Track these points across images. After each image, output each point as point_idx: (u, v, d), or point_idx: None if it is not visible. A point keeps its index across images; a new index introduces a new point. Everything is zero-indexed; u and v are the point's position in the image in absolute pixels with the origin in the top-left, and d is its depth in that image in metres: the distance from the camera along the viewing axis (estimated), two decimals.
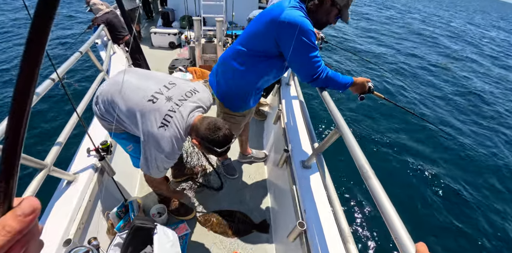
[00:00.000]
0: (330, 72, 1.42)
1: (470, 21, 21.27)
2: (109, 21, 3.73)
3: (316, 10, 1.38)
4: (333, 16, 1.40)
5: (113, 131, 1.48)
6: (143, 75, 1.39)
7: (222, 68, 1.62)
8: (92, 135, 1.81)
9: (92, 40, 2.30)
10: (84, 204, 1.44)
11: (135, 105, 1.24)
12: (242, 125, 1.89)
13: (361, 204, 3.13)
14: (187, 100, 1.28)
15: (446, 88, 6.99)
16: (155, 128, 1.19)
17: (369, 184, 0.90)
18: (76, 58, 1.87)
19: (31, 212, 0.27)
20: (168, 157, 1.24)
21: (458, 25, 18.73)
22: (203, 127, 1.19)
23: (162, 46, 5.48)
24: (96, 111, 1.39)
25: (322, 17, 1.40)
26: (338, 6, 1.36)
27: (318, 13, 1.38)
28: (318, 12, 1.38)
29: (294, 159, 1.72)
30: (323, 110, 4.98)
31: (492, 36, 16.33)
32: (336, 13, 1.39)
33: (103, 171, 1.68)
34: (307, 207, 1.42)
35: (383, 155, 4.07)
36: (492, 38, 15.93)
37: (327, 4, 1.36)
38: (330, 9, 1.37)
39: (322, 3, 1.36)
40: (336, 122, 1.25)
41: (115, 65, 2.97)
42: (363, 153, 1.03)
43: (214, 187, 2.04)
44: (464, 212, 3.29)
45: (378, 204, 0.83)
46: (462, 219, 3.17)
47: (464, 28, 17.61)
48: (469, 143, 4.75)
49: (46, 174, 1.31)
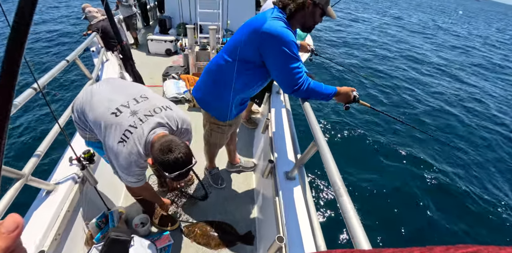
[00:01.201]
0: (312, 83, 1.42)
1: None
2: (103, 28, 3.75)
3: (299, 15, 1.38)
4: (318, 16, 1.41)
5: (88, 140, 1.49)
6: (118, 86, 1.38)
7: (207, 78, 1.62)
8: (78, 143, 1.80)
9: (80, 48, 2.31)
10: (62, 215, 1.42)
11: (100, 117, 1.22)
12: (228, 134, 1.88)
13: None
14: (153, 116, 1.22)
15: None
16: (114, 143, 1.17)
17: (340, 202, 0.89)
18: (61, 67, 1.87)
19: (14, 228, 0.28)
20: (126, 173, 1.20)
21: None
22: (156, 147, 1.10)
23: (159, 53, 5.51)
24: (73, 118, 1.40)
25: (308, 20, 1.40)
26: (320, 6, 1.36)
27: (302, 17, 1.39)
28: (301, 16, 1.38)
29: (278, 170, 1.71)
30: (319, 117, 4.99)
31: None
32: (320, 12, 1.39)
33: (85, 181, 1.66)
34: (288, 220, 1.40)
35: (376, 162, 4.07)
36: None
37: (309, 7, 1.36)
38: (314, 10, 1.38)
39: (302, 7, 1.35)
40: (314, 135, 1.25)
41: (107, 72, 2.98)
42: (337, 169, 1.02)
43: (198, 197, 2.02)
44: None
45: (346, 222, 0.82)
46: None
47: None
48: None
49: (23, 183, 1.30)
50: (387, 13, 23.81)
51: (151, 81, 4.16)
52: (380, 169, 3.93)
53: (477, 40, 17.22)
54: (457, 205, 3.53)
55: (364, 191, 3.44)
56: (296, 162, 1.52)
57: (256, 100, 2.85)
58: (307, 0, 1.34)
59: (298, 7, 1.35)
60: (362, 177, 3.68)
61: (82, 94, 1.36)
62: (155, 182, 2.14)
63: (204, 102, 1.68)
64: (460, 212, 3.43)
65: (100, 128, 1.21)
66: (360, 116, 5.38)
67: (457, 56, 12.06)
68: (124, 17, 5.84)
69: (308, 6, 1.35)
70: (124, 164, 1.17)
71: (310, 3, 1.35)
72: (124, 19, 5.87)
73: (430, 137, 4.67)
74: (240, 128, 3.03)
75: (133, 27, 5.92)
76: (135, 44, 5.96)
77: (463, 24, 22.40)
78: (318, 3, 1.35)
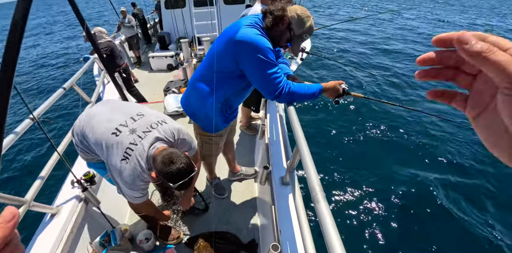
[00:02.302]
0: (293, 86, 1.41)
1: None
2: (111, 48, 3.91)
3: (272, 27, 1.38)
4: (284, 39, 1.41)
5: (89, 161, 1.55)
6: (115, 106, 1.46)
7: (191, 90, 1.65)
8: (80, 165, 1.88)
9: (78, 74, 2.42)
10: (66, 236, 1.48)
11: (101, 137, 1.29)
12: (220, 144, 1.90)
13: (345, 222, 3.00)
14: (151, 132, 1.29)
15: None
16: (117, 161, 1.23)
17: (317, 208, 0.88)
18: (58, 95, 1.98)
19: (11, 218, 0.29)
20: (131, 188, 1.26)
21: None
22: (158, 160, 1.18)
23: (161, 69, 5.67)
24: (73, 141, 1.47)
25: (276, 36, 1.41)
26: (291, 32, 1.37)
27: (274, 30, 1.39)
28: (274, 29, 1.39)
29: (274, 176, 1.70)
30: (327, 121, 4.92)
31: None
32: (288, 37, 1.40)
33: (88, 202, 1.72)
34: (283, 227, 1.38)
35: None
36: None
37: (283, 25, 1.37)
38: (284, 31, 1.39)
39: (278, 22, 1.37)
40: (296, 140, 1.23)
41: (109, 93, 3.10)
42: (317, 174, 1.00)
43: (200, 209, 2.04)
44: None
45: (322, 228, 0.80)
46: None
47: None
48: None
49: (26, 210, 1.37)
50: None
51: (154, 97, 4.28)
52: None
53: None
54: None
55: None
56: (287, 167, 1.50)
57: (252, 108, 2.86)
58: (285, 16, 1.35)
59: (274, 21, 1.36)
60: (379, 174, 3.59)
61: (81, 117, 1.44)
62: (159, 200, 2.19)
63: (191, 114, 1.71)
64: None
65: (102, 148, 1.27)
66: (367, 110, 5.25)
67: None
68: (126, 38, 6.08)
69: (283, 23, 1.36)
70: (129, 180, 1.23)
71: (287, 22, 1.36)
72: (127, 40, 6.11)
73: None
74: (241, 135, 3.05)
75: (136, 46, 6.15)
76: (138, 62, 6.17)
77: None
78: (292, 28, 1.36)
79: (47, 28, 17.58)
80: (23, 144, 4.79)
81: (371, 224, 2.93)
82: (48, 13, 36.43)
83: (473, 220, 2.99)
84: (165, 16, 6.35)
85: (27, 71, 9.53)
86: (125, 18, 5.89)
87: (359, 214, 3.07)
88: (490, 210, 3.13)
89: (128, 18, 5.91)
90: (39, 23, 25.82)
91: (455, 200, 3.26)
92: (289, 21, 1.36)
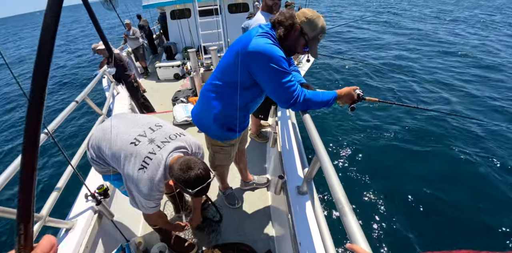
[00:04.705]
0: (307, 93, 1.39)
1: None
2: (124, 59, 3.96)
3: (285, 37, 1.37)
4: (300, 45, 1.40)
5: (104, 174, 1.54)
6: (131, 119, 1.47)
7: (202, 100, 1.64)
8: (93, 178, 1.87)
9: (89, 87, 2.45)
10: (81, 251, 1.45)
11: (119, 149, 1.29)
12: (232, 154, 1.87)
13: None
14: (170, 142, 1.30)
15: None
16: (135, 171, 1.23)
17: (345, 222, 0.84)
18: (71, 109, 1.99)
19: (50, 248, 0.31)
20: (146, 198, 1.25)
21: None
22: (176, 167, 1.18)
23: (168, 79, 5.73)
24: (88, 156, 1.47)
25: (291, 44, 1.40)
26: (306, 37, 1.36)
27: (287, 40, 1.38)
28: (287, 39, 1.38)
29: (290, 185, 1.66)
30: (337, 126, 4.87)
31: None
32: (303, 43, 1.38)
33: (102, 215, 1.71)
34: (302, 239, 1.34)
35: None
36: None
37: (295, 33, 1.36)
38: (298, 38, 1.37)
39: (290, 31, 1.36)
40: (315, 149, 1.20)
41: (118, 105, 3.13)
42: (341, 185, 0.97)
43: (213, 220, 2.01)
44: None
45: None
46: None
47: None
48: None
49: (41, 225, 1.36)
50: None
51: (161, 107, 4.30)
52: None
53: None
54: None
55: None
56: (304, 177, 1.47)
57: (260, 116, 2.84)
58: (295, 24, 1.34)
59: (286, 31, 1.35)
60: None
61: (97, 131, 1.45)
62: (172, 212, 2.17)
63: (202, 125, 1.70)
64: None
65: (120, 159, 1.27)
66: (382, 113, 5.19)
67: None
68: (132, 49, 6.18)
69: (295, 30, 1.35)
70: (145, 190, 1.23)
71: (298, 29, 1.35)
72: (133, 51, 6.21)
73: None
74: (251, 143, 3.02)
75: (142, 57, 6.24)
76: (145, 73, 6.25)
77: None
78: (305, 33, 1.35)
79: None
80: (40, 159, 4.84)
81: (396, 235, 2.84)
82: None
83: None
84: (171, 26, 6.46)
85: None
86: (130, 30, 6.01)
87: (381, 222, 2.99)
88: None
89: (133, 30, 6.02)
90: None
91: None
92: (301, 27, 1.34)
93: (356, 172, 3.72)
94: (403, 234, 2.83)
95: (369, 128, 4.78)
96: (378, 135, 4.56)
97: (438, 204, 3.18)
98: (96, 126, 1.53)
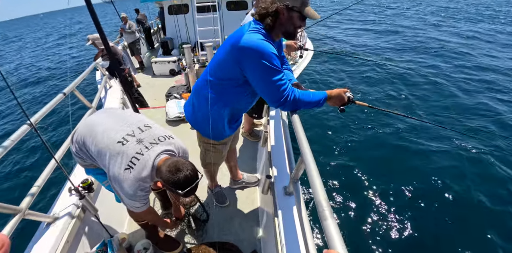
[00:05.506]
0: (298, 93, 1.36)
1: None
2: (119, 53, 3.91)
3: (278, 23, 1.33)
4: (297, 20, 1.34)
5: (87, 167, 1.52)
6: (120, 116, 1.42)
7: (195, 98, 1.62)
8: (80, 172, 1.84)
9: (78, 80, 2.40)
10: (61, 246, 1.43)
11: (105, 147, 1.26)
12: (224, 153, 1.86)
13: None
14: (158, 144, 1.28)
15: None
16: (120, 170, 1.20)
17: (324, 225, 0.82)
18: (58, 100, 1.95)
19: (0, 246, 0.29)
20: (132, 198, 1.23)
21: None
22: (164, 169, 1.17)
23: (163, 74, 5.67)
24: (71, 149, 1.44)
25: (288, 27, 1.35)
26: (296, 9, 1.29)
27: (282, 24, 1.34)
28: (281, 25, 1.34)
29: (277, 186, 1.65)
30: (340, 126, 4.87)
31: None
32: (298, 16, 1.32)
33: (85, 210, 1.68)
34: (287, 240, 1.32)
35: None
36: None
37: (284, 14, 1.31)
38: (290, 15, 1.32)
39: (277, 16, 1.31)
40: (301, 150, 1.19)
41: (110, 98, 3.08)
42: (323, 188, 0.95)
43: (200, 219, 1.99)
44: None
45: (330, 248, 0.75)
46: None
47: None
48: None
49: (20, 218, 1.33)
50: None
51: (155, 102, 4.26)
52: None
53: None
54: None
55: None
56: (290, 177, 1.46)
57: (254, 115, 2.82)
58: (278, 7, 1.29)
59: (274, 18, 1.31)
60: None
61: (82, 125, 1.41)
62: (159, 209, 2.14)
63: (194, 122, 1.67)
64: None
65: (105, 157, 1.24)
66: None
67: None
68: (128, 43, 6.11)
69: (282, 12, 1.30)
70: (130, 191, 1.21)
71: (283, 9, 1.29)
72: (129, 45, 6.14)
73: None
74: (243, 142, 3.01)
75: (138, 51, 6.18)
76: (140, 68, 6.19)
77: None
78: (292, 6, 1.29)
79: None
80: (20, 151, 4.75)
81: (378, 238, 2.85)
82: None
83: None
84: (168, 21, 6.39)
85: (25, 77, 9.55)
86: (126, 24, 5.93)
87: (365, 225, 2.99)
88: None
89: (129, 24, 5.95)
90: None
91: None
92: (285, 6, 1.29)
93: (349, 171, 3.72)
94: (392, 238, 2.84)
95: (365, 126, 4.79)
96: (374, 133, 4.57)
97: (437, 204, 3.21)
98: (84, 120, 1.50)
